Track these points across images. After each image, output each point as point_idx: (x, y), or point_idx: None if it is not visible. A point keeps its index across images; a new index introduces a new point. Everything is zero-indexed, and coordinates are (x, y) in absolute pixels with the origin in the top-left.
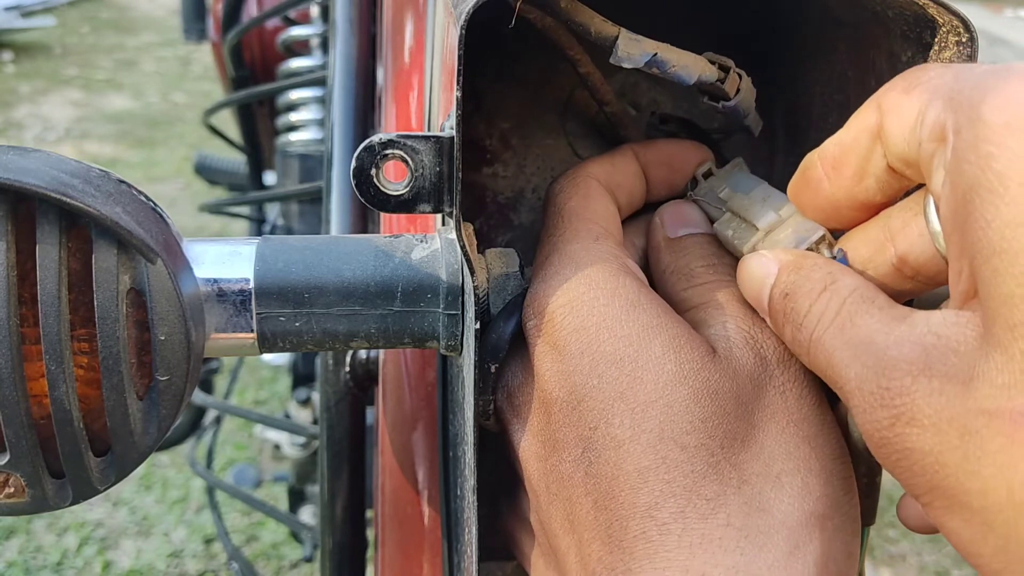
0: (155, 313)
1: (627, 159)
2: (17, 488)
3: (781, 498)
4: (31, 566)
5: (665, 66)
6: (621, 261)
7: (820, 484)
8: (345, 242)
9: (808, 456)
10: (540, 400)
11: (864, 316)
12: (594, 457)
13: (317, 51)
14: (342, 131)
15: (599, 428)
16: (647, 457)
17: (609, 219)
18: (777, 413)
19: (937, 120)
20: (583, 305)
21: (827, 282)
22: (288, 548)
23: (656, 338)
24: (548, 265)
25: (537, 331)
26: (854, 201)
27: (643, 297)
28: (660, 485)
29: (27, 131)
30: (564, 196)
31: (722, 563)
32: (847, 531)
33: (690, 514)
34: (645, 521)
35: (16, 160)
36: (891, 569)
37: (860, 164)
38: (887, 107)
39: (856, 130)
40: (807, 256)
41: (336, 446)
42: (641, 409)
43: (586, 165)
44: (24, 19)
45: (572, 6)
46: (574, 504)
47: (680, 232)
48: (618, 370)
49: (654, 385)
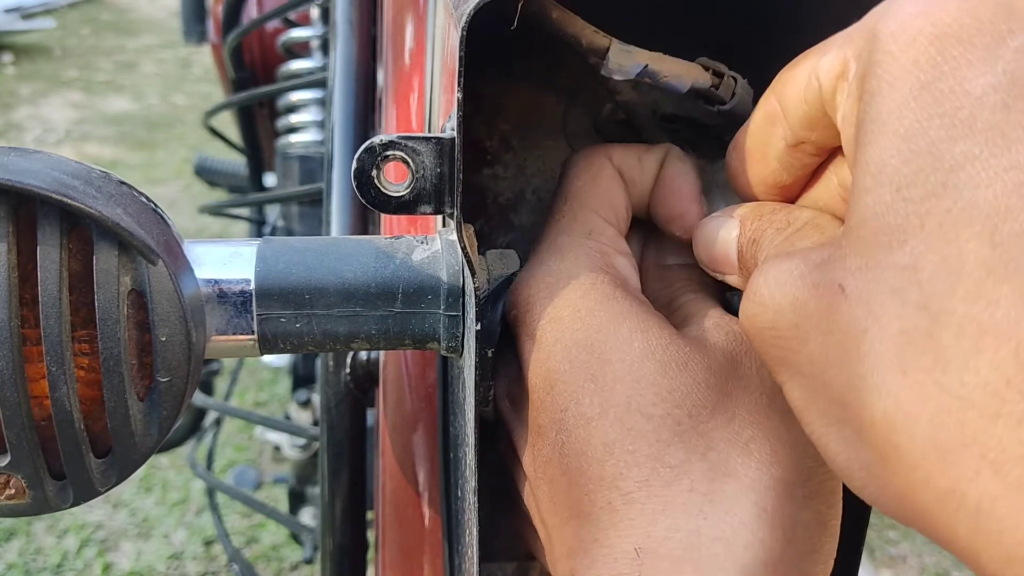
0: (156, 314)
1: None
2: (18, 489)
3: (748, 463)
4: (31, 568)
5: (657, 76)
6: (606, 260)
7: (790, 453)
8: (346, 243)
9: (779, 428)
10: (525, 388)
11: (804, 239)
12: (566, 437)
13: (317, 53)
14: (342, 133)
15: (569, 409)
16: (613, 430)
17: (614, 205)
18: (751, 385)
19: (835, 58)
20: (559, 297)
21: (789, 219)
22: (288, 550)
23: (625, 322)
24: (536, 254)
25: (517, 321)
26: (766, 184)
27: (618, 292)
28: (624, 456)
29: (27, 133)
30: (573, 173)
31: (684, 527)
32: (820, 502)
33: (654, 482)
34: (610, 492)
35: (17, 162)
36: (891, 570)
37: (763, 149)
38: (780, 86)
39: (757, 118)
40: (763, 204)
41: (336, 447)
42: (609, 387)
43: (611, 147)
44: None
45: (563, 17)
46: (554, 485)
47: (671, 261)
48: (588, 354)
49: (621, 363)
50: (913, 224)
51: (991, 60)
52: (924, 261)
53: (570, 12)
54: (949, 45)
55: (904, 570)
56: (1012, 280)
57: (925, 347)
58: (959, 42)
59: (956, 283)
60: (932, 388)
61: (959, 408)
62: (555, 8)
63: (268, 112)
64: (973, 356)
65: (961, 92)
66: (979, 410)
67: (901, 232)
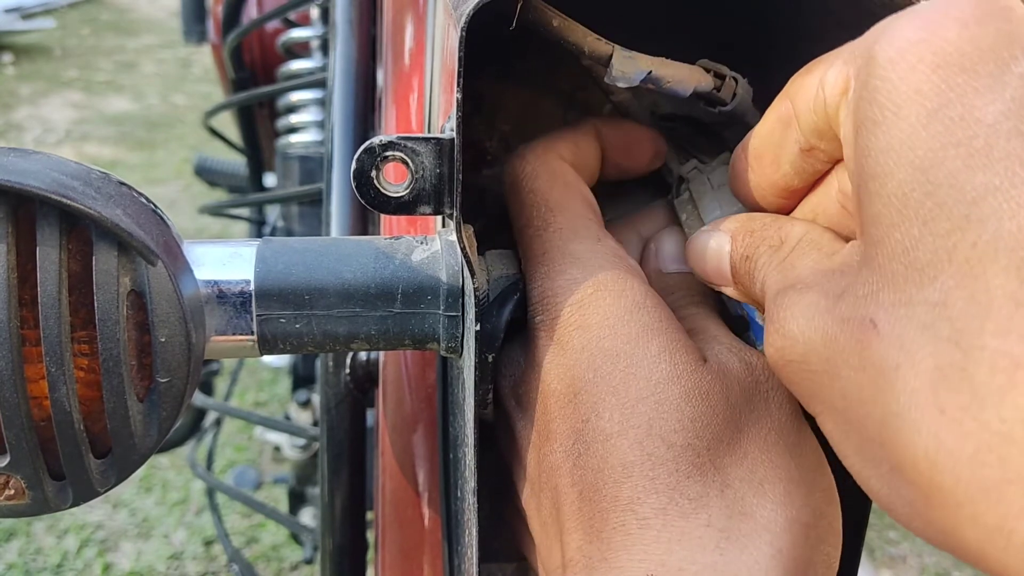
0: (155, 315)
1: (590, 139)
2: (17, 490)
3: (764, 504)
4: (31, 568)
5: (660, 82)
6: (627, 263)
7: (802, 494)
8: (345, 244)
9: (789, 465)
10: (540, 391)
11: (803, 258)
12: (583, 449)
13: (317, 53)
14: (342, 133)
15: (590, 420)
16: (633, 452)
17: (594, 208)
18: (761, 419)
19: (839, 74)
20: (589, 305)
21: (782, 236)
22: (288, 550)
23: (654, 339)
24: (550, 262)
25: (543, 327)
26: (775, 187)
27: (648, 299)
28: (643, 481)
29: (27, 133)
30: (542, 183)
31: (700, 560)
32: (829, 543)
33: (671, 511)
34: (625, 514)
35: (17, 162)
36: (892, 570)
37: (775, 152)
38: (793, 90)
39: (770, 120)
40: (754, 218)
41: (336, 448)
42: (632, 404)
43: (554, 145)
44: (24, 21)
45: (564, 25)
46: (560, 493)
47: (671, 268)
48: (613, 365)
49: (646, 382)
50: (942, 259)
51: (997, 88)
52: (953, 297)
53: (571, 20)
54: (952, 73)
55: (904, 570)
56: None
57: (960, 384)
58: (962, 70)
59: (985, 318)
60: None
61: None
62: (556, 16)
63: (268, 112)
64: (1009, 391)
65: (972, 120)
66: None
67: (931, 268)
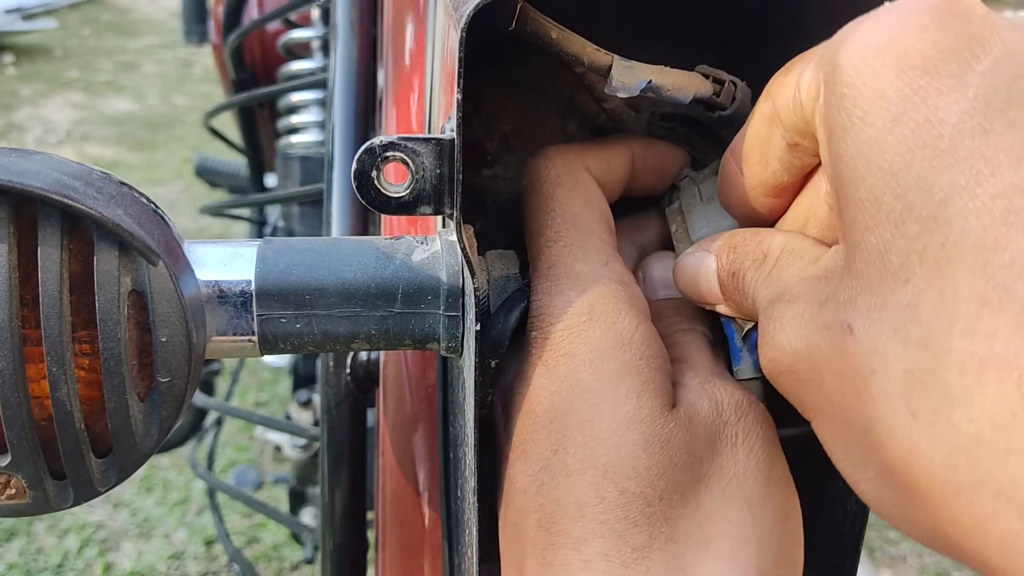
0: (156, 315)
1: (624, 160)
2: (18, 489)
3: (705, 561)
4: (32, 568)
5: (660, 91)
6: (628, 291)
7: (748, 553)
8: (346, 244)
9: (743, 522)
10: (524, 408)
11: (788, 268)
12: (547, 479)
13: (318, 54)
14: (343, 133)
15: (558, 452)
16: (588, 493)
17: (609, 224)
18: (724, 468)
19: (812, 79)
20: (578, 334)
21: (764, 249)
22: (289, 550)
23: (626, 379)
24: (554, 278)
25: (536, 344)
26: (766, 186)
27: (636, 336)
28: (593, 524)
29: (28, 133)
30: (563, 192)
31: None
32: None
33: (613, 558)
34: (572, 553)
35: (18, 162)
36: (891, 570)
37: (763, 150)
38: (774, 91)
39: (755, 120)
40: (735, 235)
41: (337, 448)
42: (592, 445)
43: (583, 155)
44: (25, 21)
45: (563, 37)
46: (522, 516)
47: (661, 294)
48: (584, 402)
49: (610, 423)
50: (913, 261)
51: (960, 87)
52: (923, 299)
53: (570, 31)
54: (915, 76)
55: (904, 570)
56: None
57: (931, 387)
58: (925, 72)
59: (953, 319)
60: (942, 428)
61: (971, 447)
62: (554, 28)
63: (269, 113)
64: (977, 392)
65: (936, 121)
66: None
67: (904, 270)
